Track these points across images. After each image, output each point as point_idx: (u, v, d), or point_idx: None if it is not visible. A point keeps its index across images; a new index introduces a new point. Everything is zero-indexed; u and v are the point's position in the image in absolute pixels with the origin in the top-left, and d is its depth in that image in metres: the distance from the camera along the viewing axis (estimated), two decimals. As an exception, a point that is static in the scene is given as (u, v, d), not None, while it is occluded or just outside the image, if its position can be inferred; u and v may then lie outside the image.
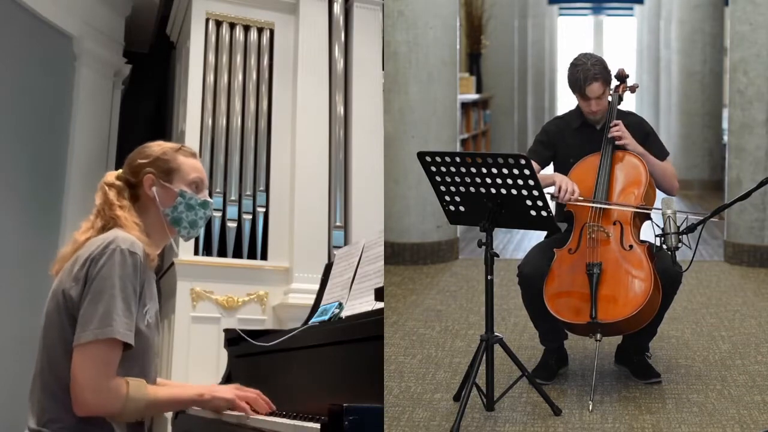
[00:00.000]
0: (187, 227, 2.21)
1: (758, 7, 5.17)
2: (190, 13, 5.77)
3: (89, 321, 1.90)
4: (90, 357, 1.89)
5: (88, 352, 1.89)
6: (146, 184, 2.17)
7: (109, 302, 1.90)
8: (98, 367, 1.89)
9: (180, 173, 2.22)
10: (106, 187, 2.18)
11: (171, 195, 2.19)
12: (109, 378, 1.91)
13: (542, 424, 2.87)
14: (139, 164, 2.20)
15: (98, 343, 1.89)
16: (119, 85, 6.31)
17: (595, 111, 3.24)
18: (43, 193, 5.38)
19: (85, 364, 1.89)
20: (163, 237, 2.21)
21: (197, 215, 2.23)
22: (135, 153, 2.25)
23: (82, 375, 1.88)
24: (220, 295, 5.28)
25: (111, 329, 1.89)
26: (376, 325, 2.13)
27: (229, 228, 5.43)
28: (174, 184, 2.20)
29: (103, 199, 2.16)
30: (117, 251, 1.95)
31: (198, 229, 2.24)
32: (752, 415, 2.89)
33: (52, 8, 5.51)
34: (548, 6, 15.70)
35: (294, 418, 2.24)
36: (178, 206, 2.20)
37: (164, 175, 2.19)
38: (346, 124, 5.81)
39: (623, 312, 2.97)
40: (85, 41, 5.78)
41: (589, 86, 3.18)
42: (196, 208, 2.22)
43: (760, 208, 5.13)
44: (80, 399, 1.89)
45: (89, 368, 1.88)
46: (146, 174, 2.18)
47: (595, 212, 3.12)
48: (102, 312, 1.90)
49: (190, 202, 2.21)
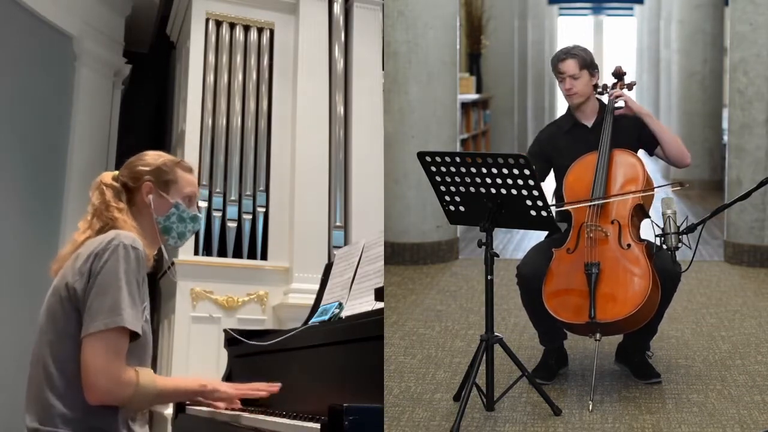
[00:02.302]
0: (176, 237, 2.31)
1: (758, 7, 5.16)
2: (190, 13, 5.77)
3: (98, 312, 1.94)
4: (101, 345, 1.93)
5: (99, 340, 1.93)
6: (144, 191, 2.25)
7: (116, 294, 1.95)
8: (110, 354, 1.94)
9: (177, 186, 2.30)
10: (104, 187, 2.24)
11: (166, 205, 2.28)
12: (120, 365, 1.96)
13: (542, 424, 2.87)
14: (140, 171, 2.27)
15: (108, 332, 1.93)
16: (119, 85, 6.31)
17: (569, 89, 3.25)
18: (43, 193, 5.38)
19: (96, 352, 1.93)
20: (153, 242, 2.28)
21: (186, 228, 2.32)
22: (136, 158, 2.33)
23: (94, 362, 1.92)
24: (220, 295, 5.28)
25: (120, 318, 1.94)
26: (376, 325, 2.14)
27: (229, 228, 5.43)
28: (170, 195, 2.29)
29: (101, 198, 2.22)
30: (120, 246, 2.00)
31: (185, 240, 2.35)
32: (752, 415, 2.89)
33: (52, 8, 5.51)
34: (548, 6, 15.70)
35: (294, 418, 2.24)
36: (171, 216, 2.29)
37: (162, 185, 2.28)
38: (346, 124, 5.81)
39: (622, 311, 2.97)
40: (85, 41, 5.78)
41: (562, 62, 3.24)
42: (187, 221, 2.32)
43: (760, 208, 5.13)
44: (93, 385, 1.93)
45: (101, 355, 1.93)
46: (145, 181, 2.25)
47: (593, 212, 3.12)
48: (110, 303, 1.94)
49: (182, 215, 2.30)
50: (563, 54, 3.27)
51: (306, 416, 2.19)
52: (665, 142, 3.24)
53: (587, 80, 3.26)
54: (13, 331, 4.72)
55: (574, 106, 3.31)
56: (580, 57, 3.24)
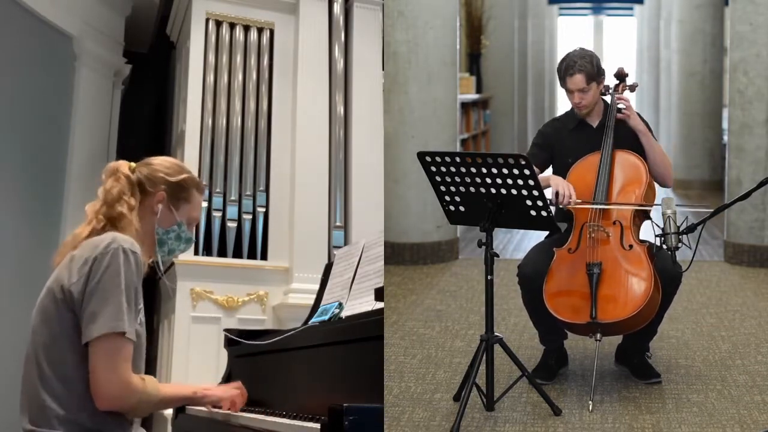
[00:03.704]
0: (165, 252, 2.32)
1: (758, 7, 5.16)
2: (190, 13, 5.77)
3: (99, 316, 1.93)
4: (109, 351, 1.93)
5: (105, 345, 1.93)
6: (156, 199, 2.24)
7: (117, 299, 1.95)
8: (118, 360, 1.94)
9: (188, 206, 2.32)
10: (121, 175, 2.21)
11: (171, 220, 2.28)
12: (128, 371, 1.96)
13: (542, 424, 2.87)
14: (160, 178, 2.26)
15: (113, 336, 1.93)
16: (119, 85, 6.31)
17: (578, 103, 3.25)
18: (43, 193, 5.38)
19: (105, 358, 1.93)
20: (150, 249, 2.27)
21: (179, 247, 2.34)
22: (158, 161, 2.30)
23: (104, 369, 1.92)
24: (220, 295, 5.28)
25: (123, 323, 1.94)
26: (376, 325, 2.14)
27: (229, 228, 5.43)
28: (179, 212, 2.29)
29: (117, 187, 2.18)
30: (120, 250, 2.00)
31: (172, 256, 2.37)
32: (752, 415, 2.89)
33: (52, 8, 5.51)
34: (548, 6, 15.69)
35: (294, 418, 2.24)
36: (171, 232, 2.29)
37: (175, 200, 2.28)
38: (346, 124, 5.81)
39: (623, 312, 2.97)
40: (85, 41, 5.78)
41: (570, 78, 3.22)
42: (182, 241, 2.33)
43: (760, 208, 5.13)
44: (105, 392, 1.93)
45: (110, 362, 1.93)
46: (161, 190, 2.24)
47: (595, 212, 3.12)
48: (112, 307, 1.94)
49: (181, 234, 2.32)
50: (571, 68, 3.20)
51: (306, 416, 2.19)
52: (651, 161, 3.23)
53: (595, 91, 3.25)
54: (12, 331, 4.71)
55: (582, 115, 3.31)
56: (587, 70, 3.19)
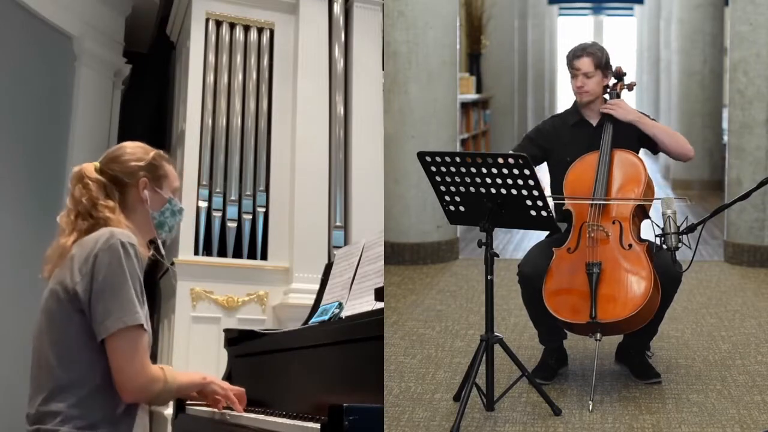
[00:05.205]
0: (167, 231, 2.31)
1: (758, 7, 5.17)
2: (190, 13, 5.77)
3: (112, 311, 1.94)
4: (128, 344, 1.95)
5: (124, 339, 1.94)
6: (140, 187, 2.22)
7: (126, 292, 1.96)
8: (139, 351, 1.96)
9: (168, 180, 2.30)
10: (88, 181, 2.18)
11: (161, 200, 2.27)
12: (148, 362, 1.99)
13: (542, 424, 2.87)
14: (134, 166, 2.23)
15: (130, 329, 1.95)
16: (119, 85, 6.31)
17: (580, 87, 3.25)
18: (43, 193, 5.38)
19: (126, 352, 1.95)
20: (146, 238, 2.27)
21: (176, 220, 2.33)
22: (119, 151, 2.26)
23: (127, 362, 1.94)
24: (220, 295, 5.28)
25: (138, 315, 1.96)
26: (376, 325, 2.14)
27: (229, 228, 5.43)
28: (163, 190, 2.28)
29: (86, 195, 2.15)
30: (119, 244, 2.00)
31: (173, 233, 2.36)
32: (752, 415, 2.89)
33: (52, 8, 5.50)
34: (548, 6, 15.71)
35: (294, 418, 2.24)
36: (165, 211, 2.29)
37: (156, 180, 2.27)
38: (346, 124, 5.80)
39: (623, 312, 2.97)
40: (85, 41, 5.78)
41: (578, 59, 3.24)
42: (177, 214, 2.33)
43: (760, 208, 5.13)
44: (132, 385, 1.95)
45: (132, 354, 1.95)
46: (141, 177, 2.23)
47: (595, 211, 3.12)
48: (122, 301, 1.95)
49: (173, 209, 2.31)
50: (580, 50, 3.26)
51: (306, 416, 2.19)
52: (662, 141, 3.23)
53: (599, 80, 3.26)
54: (12, 331, 4.72)
55: (583, 103, 3.30)
56: (596, 56, 3.23)
